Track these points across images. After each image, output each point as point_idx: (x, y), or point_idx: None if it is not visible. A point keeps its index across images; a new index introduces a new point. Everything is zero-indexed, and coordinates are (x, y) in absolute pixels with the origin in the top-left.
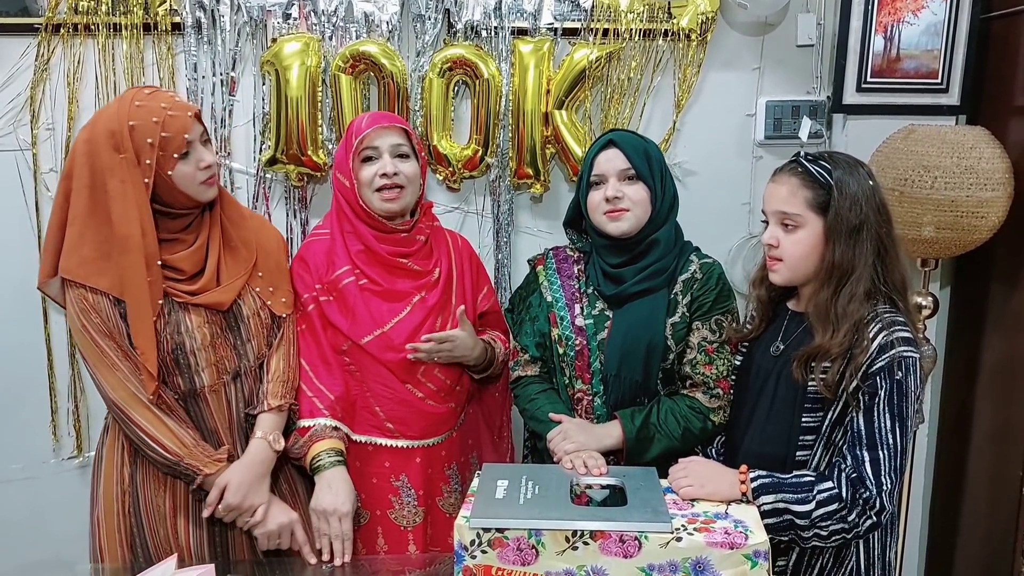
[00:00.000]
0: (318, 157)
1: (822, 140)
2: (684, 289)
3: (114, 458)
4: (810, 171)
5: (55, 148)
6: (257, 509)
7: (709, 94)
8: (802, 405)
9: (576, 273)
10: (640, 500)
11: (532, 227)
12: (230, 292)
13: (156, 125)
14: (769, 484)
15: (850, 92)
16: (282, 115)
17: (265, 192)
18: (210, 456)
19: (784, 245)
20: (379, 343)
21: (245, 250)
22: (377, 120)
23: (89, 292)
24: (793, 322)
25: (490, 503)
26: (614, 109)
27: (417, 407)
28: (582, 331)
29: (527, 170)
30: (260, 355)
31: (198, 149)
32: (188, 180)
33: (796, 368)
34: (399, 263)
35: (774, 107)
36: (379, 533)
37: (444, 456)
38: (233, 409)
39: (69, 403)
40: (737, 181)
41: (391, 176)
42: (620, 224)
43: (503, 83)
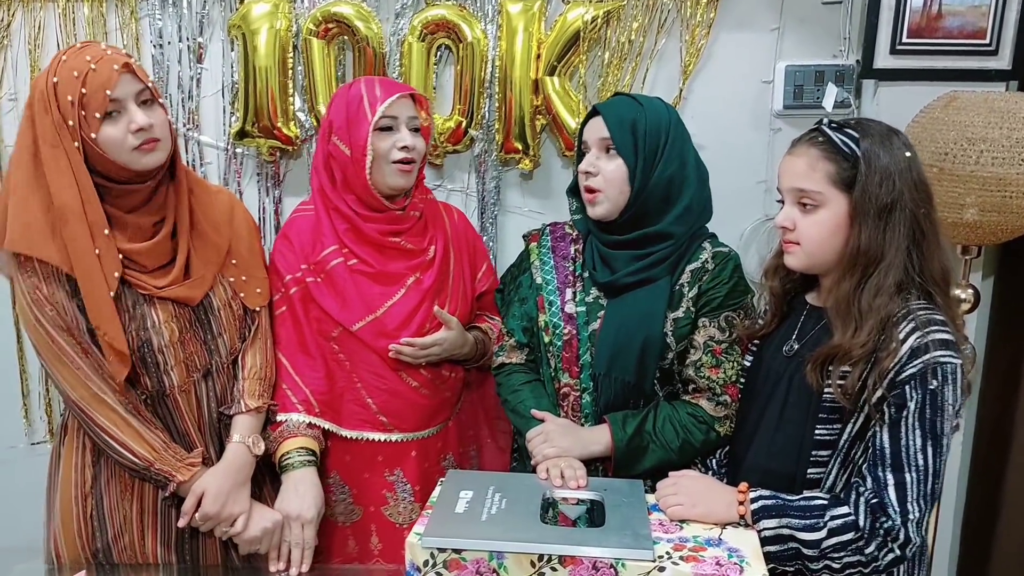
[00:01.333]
0: (289, 130)
1: (849, 110)
2: (692, 280)
3: (73, 460)
4: (833, 141)
5: (19, 119)
6: (237, 519)
7: (720, 58)
8: (816, 415)
9: (572, 253)
10: (620, 520)
11: (521, 206)
12: (201, 286)
13: (77, 81)
14: (772, 507)
15: (883, 55)
16: (251, 84)
17: (237, 168)
18: (182, 460)
19: (801, 227)
20: (371, 329)
21: (216, 235)
22: (395, 88)
23: (43, 282)
24: (811, 318)
25: (448, 518)
26: (612, 76)
27: (410, 398)
28: (572, 319)
29: (515, 144)
30: (233, 350)
31: (129, 109)
32: (115, 145)
33: (810, 371)
34: (391, 242)
35: (795, 72)
36: (373, 531)
37: (440, 447)
38: (204, 409)
39: (40, 386)
40: (751, 157)
41: (411, 150)
42: (594, 208)
43: (489, 47)
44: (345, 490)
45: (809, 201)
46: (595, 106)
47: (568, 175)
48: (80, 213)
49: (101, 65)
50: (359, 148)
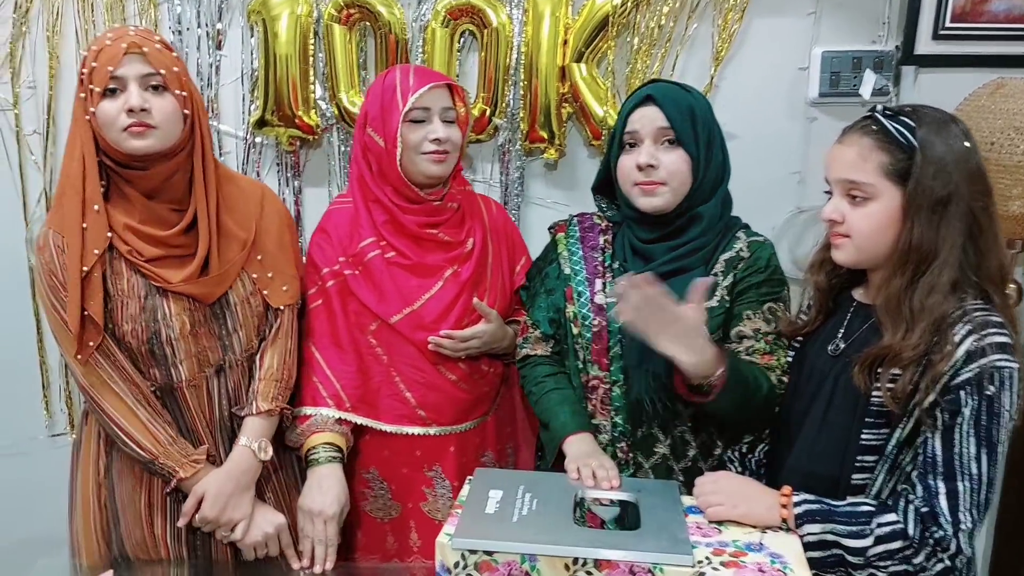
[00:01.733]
0: (310, 118)
1: (888, 97)
2: (726, 270)
3: (91, 446)
4: (887, 129)
5: (38, 107)
6: (237, 525)
7: (754, 44)
8: (863, 418)
9: (602, 244)
10: (656, 523)
11: (545, 198)
12: (220, 284)
13: (94, 54)
14: (817, 511)
15: (924, 40)
16: (271, 71)
17: (256, 157)
18: (187, 456)
19: (851, 220)
20: (409, 322)
21: (241, 231)
22: (429, 78)
23: (58, 268)
24: (859, 316)
25: (478, 518)
26: (641, 62)
27: (449, 392)
28: (602, 310)
29: (540, 133)
30: (248, 347)
31: (129, 89)
32: (107, 122)
33: (858, 373)
34: (429, 234)
35: (831, 59)
36: (412, 527)
37: (478, 443)
38: (215, 407)
39: (61, 378)
40: (786, 146)
41: (443, 142)
42: (653, 200)
43: (514, 33)
44: (384, 486)
45: (860, 193)
46: (649, 93)
47: (594, 164)
48: (77, 186)
49: (114, 42)
50: (391, 139)
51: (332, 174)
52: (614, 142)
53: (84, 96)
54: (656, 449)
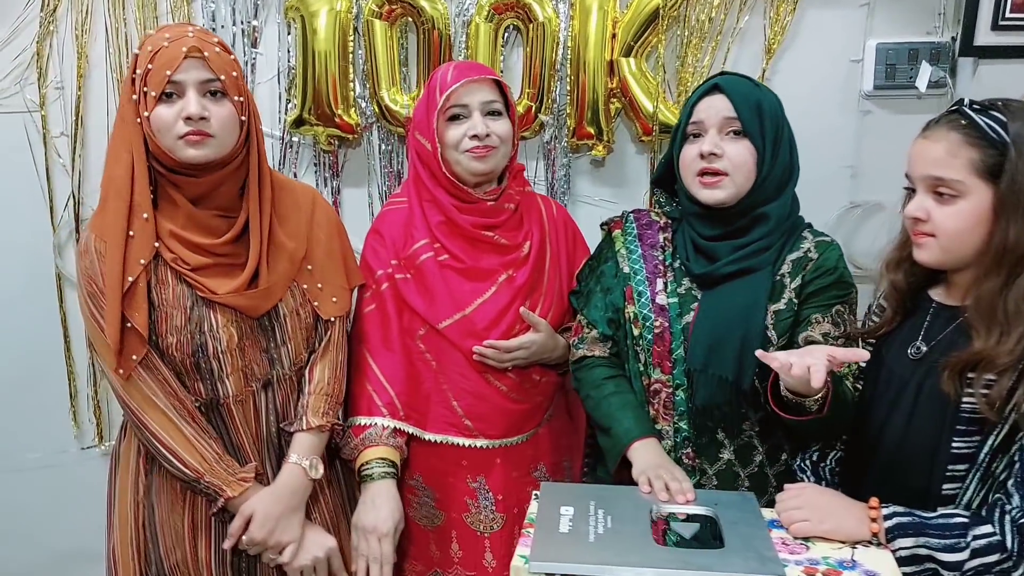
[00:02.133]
0: (350, 117)
1: (945, 90)
2: (794, 271)
3: (130, 464)
4: (977, 124)
5: (65, 109)
6: (286, 548)
7: (806, 36)
8: (953, 426)
9: (661, 242)
10: (740, 539)
11: (592, 196)
12: (268, 298)
13: (148, 55)
14: (909, 524)
15: (984, 31)
16: (309, 69)
17: (292, 158)
18: (234, 474)
19: (937, 219)
20: (459, 328)
21: (292, 243)
22: (465, 72)
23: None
24: (940, 317)
25: (553, 539)
26: (692, 56)
27: (497, 402)
28: (664, 311)
29: (588, 129)
30: (297, 361)
31: (188, 96)
32: (163, 129)
33: (947, 379)
34: (484, 236)
35: (886, 51)
36: (453, 537)
37: (530, 456)
38: (262, 422)
39: (89, 388)
40: (839, 140)
41: (483, 137)
42: (715, 192)
43: (560, 27)
44: (429, 493)
45: (947, 191)
46: (716, 83)
47: (642, 161)
48: (122, 190)
49: (173, 44)
50: (430, 139)
51: (372, 174)
52: (678, 133)
53: (136, 98)
54: (721, 455)
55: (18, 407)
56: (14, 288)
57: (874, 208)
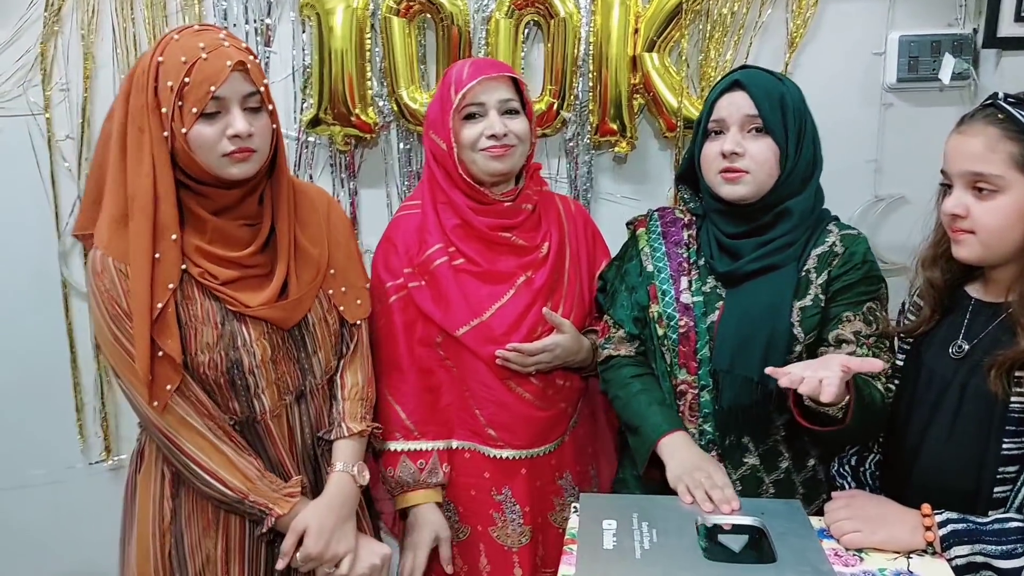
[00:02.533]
0: (368, 116)
1: (968, 82)
2: (819, 266)
3: (151, 490)
4: (1015, 118)
5: (71, 111)
6: (343, 559)
7: (829, 29)
8: (1002, 427)
9: (686, 240)
10: (792, 552)
11: (615, 193)
12: (299, 308)
13: (182, 66)
14: (964, 532)
15: (1007, 22)
16: (325, 68)
17: (308, 158)
18: (280, 491)
19: (976, 214)
20: (477, 334)
21: (315, 249)
22: (482, 69)
23: (121, 296)
24: (981, 314)
25: (598, 556)
26: (714, 50)
27: (521, 411)
28: (688, 310)
29: (611, 125)
30: (328, 369)
31: (232, 112)
32: (206, 147)
33: (994, 378)
34: (501, 238)
35: (909, 43)
36: (481, 551)
37: (555, 465)
38: (297, 435)
39: (96, 400)
40: (862, 133)
41: (500, 137)
42: (736, 188)
43: (582, 23)
44: (451, 507)
45: (987, 186)
46: (737, 79)
47: (665, 158)
48: (148, 208)
49: (214, 57)
50: (445, 138)
51: (390, 174)
52: (699, 130)
53: (167, 111)
54: (745, 459)
55: (22, 421)
56: (18, 297)
57: (898, 202)
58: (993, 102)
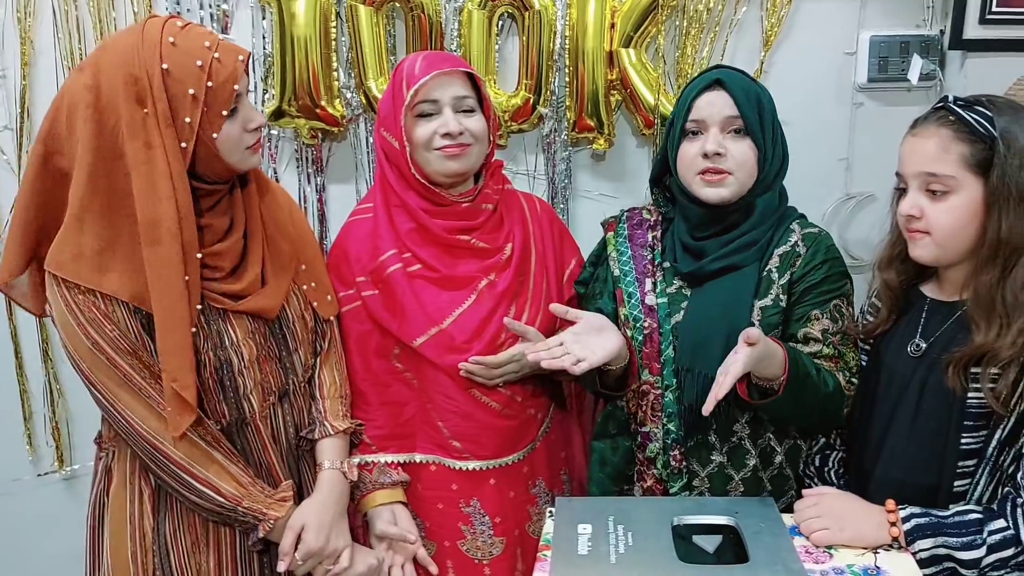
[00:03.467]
0: (334, 109)
1: (934, 82)
2: (782, 266)
3: (127, 509)
4: (965, 119)
5: (8, 100)
6: (342, 552)
7: (802, 28)
8: (960, 422)
9: (651, 241)
10: (765, 551)
11: (593, 190)
12: (278, 295)
13: (200, 72)
14: (927, 525)
15: (972, 24)
16: (288, 57)
17: (272, 152)
18: (272, 496)
19: (931, 215)
20: (436, 344)
21: (285, 240)
22: (435, 64)
23: (100, 298)
24: (937, 313)
25: (572, 561)
26: (691, 47)
27: (487, 421)
28: (652, 311)
29: (588, 121)
30: (308, 366)
31: (246, 105)
32: (232, 145)
33: (952, 375)
34: (460, 241)
35: (879, 43)
36: (449, 568)
37: (526, 473)
38: (282, 436)
39: (46, 408)
40: (833, 132)
41: (455, 136)
42: (719, 190)
43: (558, 16)
44: (418, 522)
45: (940, 186)
46: (718, 78)
47: (643, 155)
48: (175, 232)
49: (223, 54)
50: (397, 136)
51: (359, 168)
52: (674, 129)
53: (191, 121)
54: (712, 457)
55: None
56: None
57: (868, 200)
58: (944, 105)
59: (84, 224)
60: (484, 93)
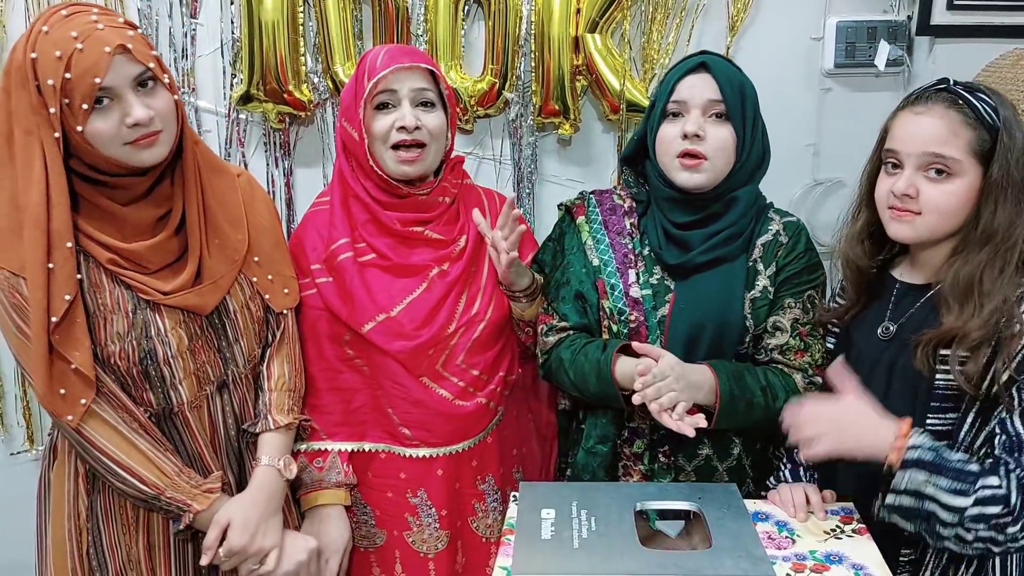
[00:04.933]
0: (301, 93)
1: (902, 68)
2: (766, 255)
3: (65, 487)
4: (974, 105)
5: None
6: (269, 554)
7: (769, 13)
8: (927, 403)
9: (628, 228)
10: (728, 538)
11: (559, 175)
12: (216, 292)
13: (59, 62)
14: (928, 463)
15: (940, 10)
16: (256, 42)
17: (240, 136)
18: (198, 486)
19: (928, 196)
20: (384, 330)
21: (235, 231)
22: (396, 58)
23: (22, 284)
24: (907, 296)
25: (535, 546)
26: (656, 32)
27: (437, 407)
28: (638, 304)
29: (554, 106)
30: (251, 358)
31: (125, 98)
32: (106, 140)
33: (920, 356)
34: (414, 233)
35: (846, 28)
36: (396, 558)
37: (475, 467)
38: (219, 427)
39: (17, 388)
40: (801, 117)
41: (411, 130)
42: (695, 175)
43: (523, 1)
44: (367, 511)
45: (944, 168)
46: (703, 61)
47: (609, 140)
48: (41, 219)
49: (89, 45)
50: (356, 127)
51: (327, 153)
52: (654, 111)
53: (55, 111)
54: (700, 451)
55: None
56: None
57: (836, 185)
58: (948, 87)
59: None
60: (445, 88)
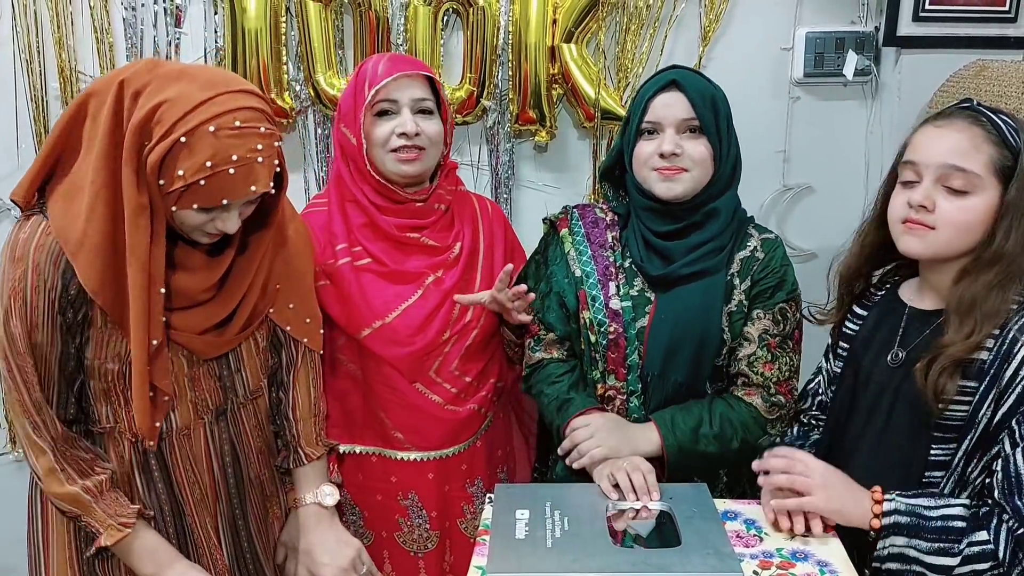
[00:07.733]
0: (283, 101)
1: (869, 78)
2: (743, 270)
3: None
4: (998, 125)
5: None
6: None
7: (740, 24)
8: (931, 433)
9: (610, 241)
10: (697, 535)
11: (536, 181)
12: (228, 344)
13: (204, 169)
14: (906, 526)
15: (906, 21)
16: (239, 50)
17: None
18: (114, 518)
19: (944, 210)
20: (380, 337)
21: (276, 282)
22: (398, 66)
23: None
24: (916, 321)
25: (509, 546)
26: (631, 42)
27: (429, 412)
28: (617, 315)
29: (531, 114)
30: (256, 388)
31: (232, 217)
32: (192, 226)
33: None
34: (410, 238)
35: (815, 39)
36: (385, 558)
37: (465, 471)
38: (214, 457)
39: None
40: (770, 125)
41: (411, 136)
42: (673, 185)
43: (501, 11)
44: (355, 511)
45: (963, 184)
46: (674, 79)
47: (584, 147)
48: (143, 258)
49: (241, 174)
50: (356, 133)
51: (308, 160)
52: (629, 127)
53: (164, 184)
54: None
55: None
56: None
57: (805, 191)
58: (971, 106)
59: (95, 212)
60: (443, 97)
